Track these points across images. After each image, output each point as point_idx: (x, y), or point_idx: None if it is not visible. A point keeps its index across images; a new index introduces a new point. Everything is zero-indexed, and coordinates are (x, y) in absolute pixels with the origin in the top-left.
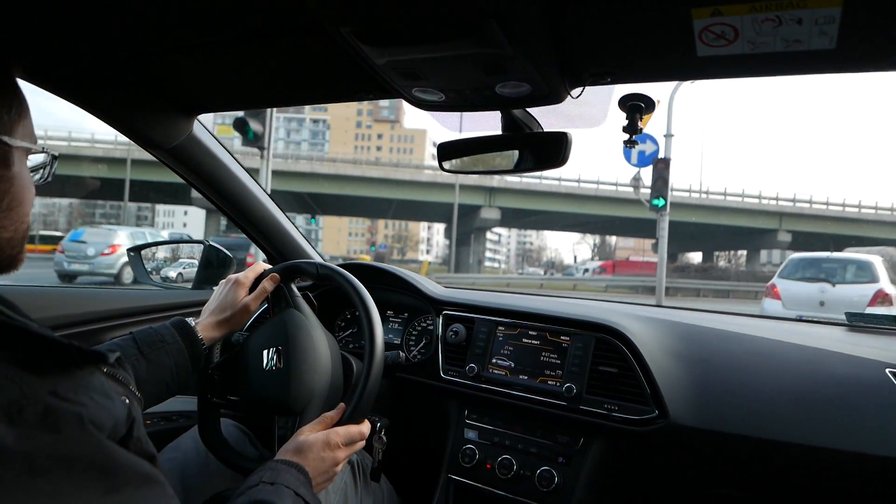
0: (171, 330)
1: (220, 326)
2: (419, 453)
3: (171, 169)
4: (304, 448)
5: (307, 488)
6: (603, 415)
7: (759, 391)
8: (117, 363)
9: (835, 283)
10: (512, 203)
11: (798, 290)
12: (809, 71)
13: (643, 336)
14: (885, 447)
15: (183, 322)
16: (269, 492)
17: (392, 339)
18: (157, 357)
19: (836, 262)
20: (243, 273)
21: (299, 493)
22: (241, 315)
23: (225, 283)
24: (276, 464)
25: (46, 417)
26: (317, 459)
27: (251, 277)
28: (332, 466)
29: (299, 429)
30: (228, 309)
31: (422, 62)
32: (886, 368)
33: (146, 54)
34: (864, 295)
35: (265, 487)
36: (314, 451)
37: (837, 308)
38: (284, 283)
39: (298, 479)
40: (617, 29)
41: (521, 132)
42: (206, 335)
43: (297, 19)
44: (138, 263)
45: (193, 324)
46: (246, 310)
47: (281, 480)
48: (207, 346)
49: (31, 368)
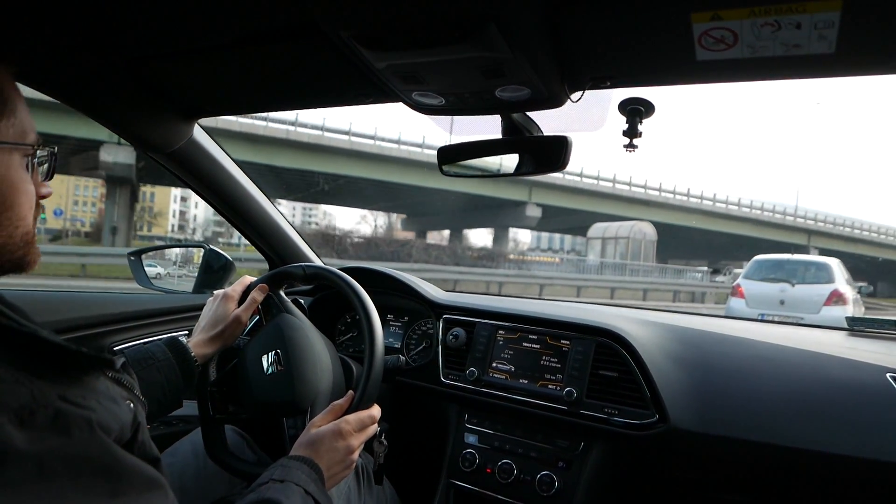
0: (162, 347)
1: (212, 342)
2: (420, 457)
3: (171, 173)
4: (315, 441)
5: (318, 485)
6: (603, 419)
7: (759, 395)
8: (122, 368)
9: (794, 283)
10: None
11: (760, 289)
12: (809, 75)
13: (643, 340)
14: (885, 452)
15: (175, 339)
16: (277, 490)
17: (392, 342)
18: (147, 374)
19: (797, 264)
20: (231, 287)
21: (308, 490)
22: (232, 328)
23: (213, 298)
24: (289, 460)
25: (57, 421)
26: (330, 450)
27: (239, 290)
28: (347, 455)
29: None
30: (220, 323)
31: (422, 66)
32: (887, 373)
33: (147, 58)
34: (821, 294)
35: (274, 485)
36: (326, 442)
37: (796, 307)
38: (273, 291)
39: (309, 476)
40: (616, 33)
41: (521, 136)
42: (198, 352)
43: (298, 23)
44: (139, 268)
45: (186, 341)
46: (237, 322)
47: (290, 478)
48: (201, 363)
49: (42, 373)
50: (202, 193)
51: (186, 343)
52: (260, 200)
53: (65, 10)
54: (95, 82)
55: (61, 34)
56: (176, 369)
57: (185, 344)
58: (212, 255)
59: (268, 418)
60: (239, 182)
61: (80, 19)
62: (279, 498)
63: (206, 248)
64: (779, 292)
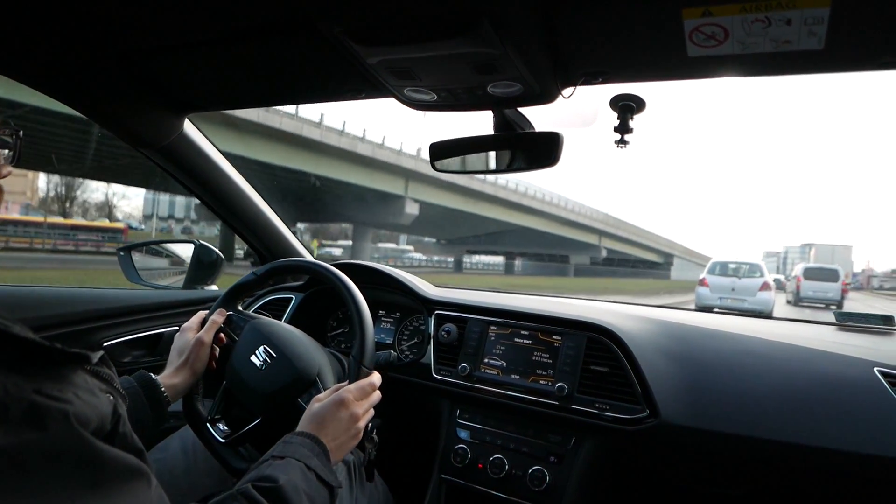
0: (128, 379)
1: (180, 371)
2: (412, 453)
3: (161, 168)
4: (318, 414)
5: (321, 459)
6: (594, 414)
7: (749, 390)
8: (101, 361)
9: (740, 277)
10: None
11: (719, 281)
12: (799, 71)
13: (634, 335)
14: (872, 445)
15: (143, 372)
16: (276, 466)
17: (384, 338)
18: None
19: (740, 264)
20: (187, 323)
21: (310, 465)
22: (197, 350)
23: (176, 336)
24: (291, 436)
25: (31, 415)
26: (334, 422)
27: (196, 321)
28: (353, 424)
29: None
30: (185, 350)
31: (414, 61)
32: (874, 367)
33: (136, 52)
34: (756, 284)
35: (273, 462)
36: (329, 413)
37: (742, 292)
38: (232, 309)
39: (312, 451)
40: (608, 29)
41: (513, 132)
42: (167, 382)
43: (290, 18)
44: (128, 263)
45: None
46: (200, 344)
47: (290, 453)
48: (173, 396)
49: (16, 368)
50: (192, 189)
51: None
52: (251, 196)
53: (55, 3)
54: (84, 77)
55: (50, 27)
56: (142, 396)
57: (153, 377)
58: (202, 250)
59: (282, 408)
60: (230, 177)
61: (69, 13)
62: (276, 474)
63: (197, 244)
64: (730, 283)
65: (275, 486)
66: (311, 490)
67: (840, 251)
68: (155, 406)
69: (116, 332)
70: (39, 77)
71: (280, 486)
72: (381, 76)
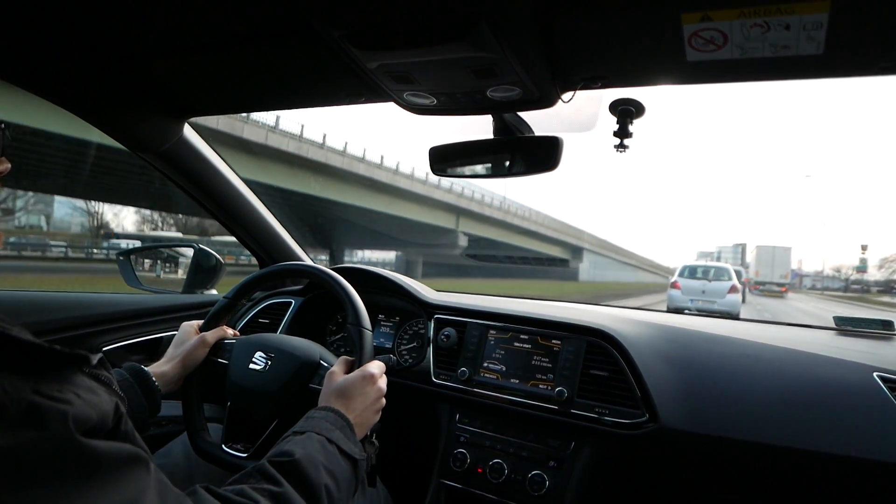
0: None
1: (171, 361)
2: (411, 457)
3: (161, 172)
4: (346, 388)
5: (344, 432)
6: (594, 418)
7: (748, 394)
8: (100, 364)
9: (710, 279)
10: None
11: (689, 284)
12: (798, 76)
13: (634, 340)
14: (871, 450)
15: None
16: (294, 441)
17: (383, 342)
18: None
19: (710, 267)
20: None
21: (332, 437)
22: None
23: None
24: (315, 411)
25: (31, 414)
26: (362, 395)
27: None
28: (378, 399)
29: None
30: (183, 342)
31: (413, 66)
32: (874, 372)
33: (136, 56)
34: (725, 287)
35: (294, 438)
36: (357, 388)
37: (711, 294)
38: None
39: (334, 424)
40: (608, 33)
41: (512, 136)
42: (156, 371)
43: (290, 23)
44: (128, 268)
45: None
46: (203, 342)
47: (311, 427)
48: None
49: (15, 369)
50: (192, 193)
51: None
52: (251, 200)
53: (54, 8)
54: (84, 81)
55: (50, 32)
56: (135, 386)
57: (143, 368)
58: (202, 254)
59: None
60: (230, 182)
61: (69, 18)
62: (293, 448)
63: (196, 248)
64: (700, 286)
65: (290, 461)
66: (331, 463)
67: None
68: (148, 395)
69: (116, 337)
70: (39, 82)
71: (296, 460)
72: (380, 80)
